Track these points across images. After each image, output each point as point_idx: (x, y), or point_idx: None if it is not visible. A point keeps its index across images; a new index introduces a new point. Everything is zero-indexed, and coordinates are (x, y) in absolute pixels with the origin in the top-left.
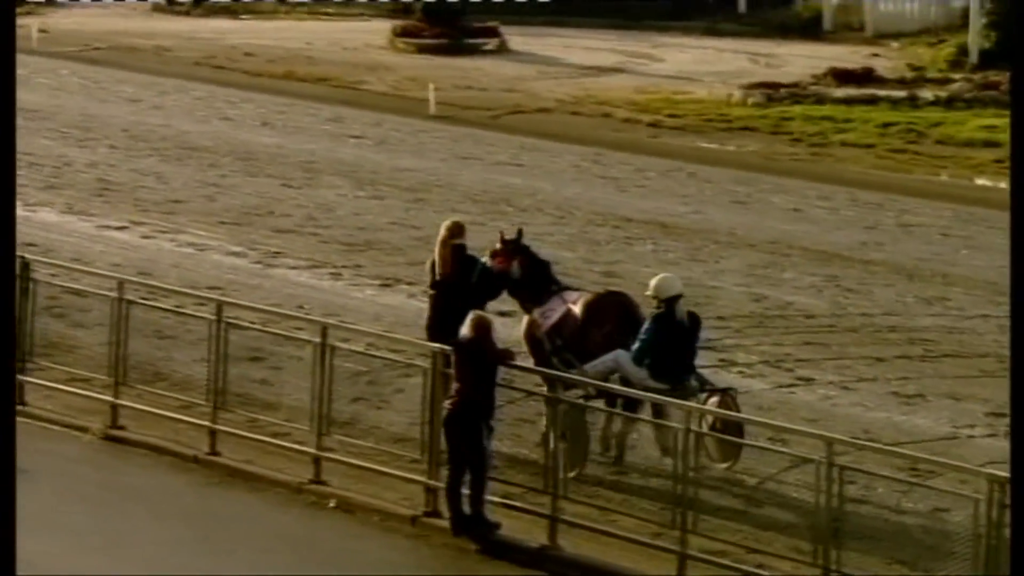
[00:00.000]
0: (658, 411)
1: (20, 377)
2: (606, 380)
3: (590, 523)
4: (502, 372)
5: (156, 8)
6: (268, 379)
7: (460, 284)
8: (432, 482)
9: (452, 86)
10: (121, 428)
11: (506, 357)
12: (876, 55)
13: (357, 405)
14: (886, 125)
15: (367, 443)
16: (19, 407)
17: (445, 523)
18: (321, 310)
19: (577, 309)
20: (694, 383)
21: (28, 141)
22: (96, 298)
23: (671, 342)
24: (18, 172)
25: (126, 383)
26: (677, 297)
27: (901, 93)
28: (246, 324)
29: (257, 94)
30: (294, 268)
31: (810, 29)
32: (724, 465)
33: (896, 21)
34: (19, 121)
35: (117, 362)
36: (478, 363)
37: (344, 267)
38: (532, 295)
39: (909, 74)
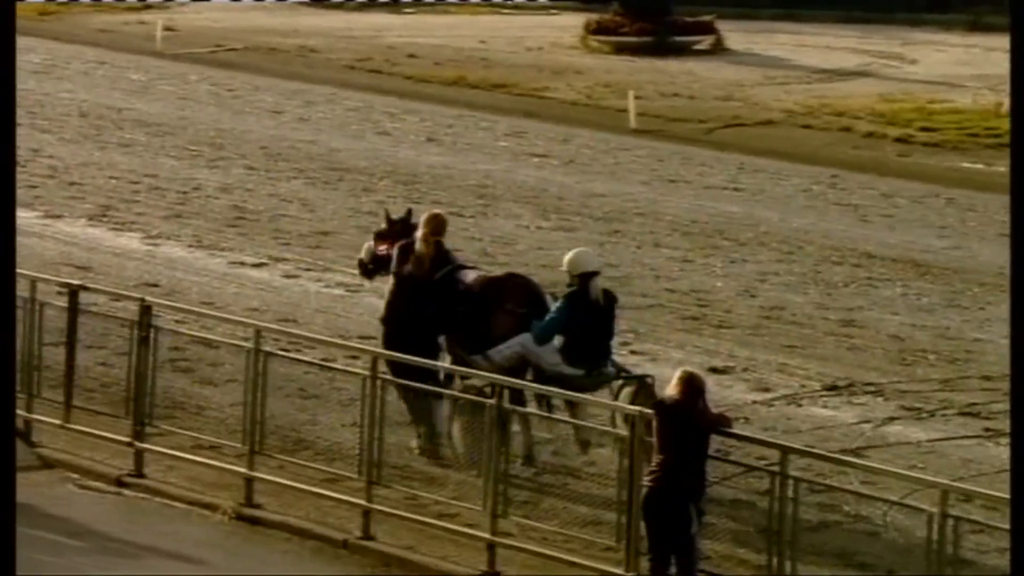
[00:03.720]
0: (572, 403)
1: (138, 444)
2: (515, 369)
3: None
4: (716, 442)
5: (302, 1)
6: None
7: (428, 284)
8: (630, 575)
9: (657, 93)
10: (257, 506)
11: (722, 423)
12: None
13: (541, 480)
14: None
15: (551, 526)
16: (137, 479)
17: None
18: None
19: (475, 290)
20: (610, 369)
21: (150, 161)
22: (228, 349)
23: (585, 323)
24: (139, 197)
25: (263, 452)
26: (593, 274)
27: None
28: (407, 382)
29: (421, 104)
30: None
31: None
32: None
33: None
34: (140, 137)
35: (253, 426)
36: (686, 430)
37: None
38: None
39: None
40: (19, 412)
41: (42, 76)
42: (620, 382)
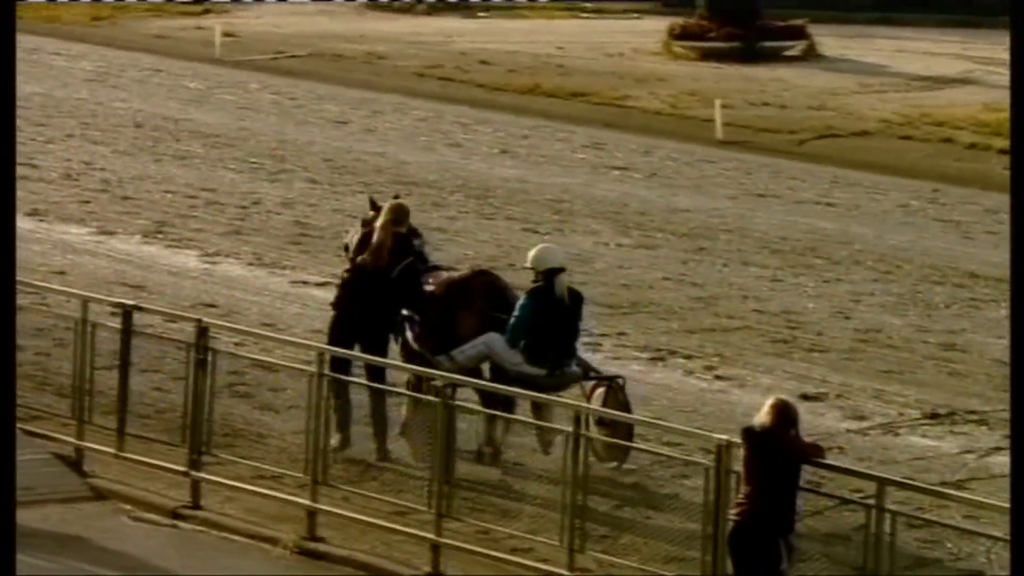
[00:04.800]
0: (537, 405)
1: (195, 473)
2: (478, 369)
3: None
4: (807, 473)
5: (369, 5)
6: (506, 480)
7: (385, 276)
8: None
9: (745, 102)
10: (320, 540)
11: (814, 453)
12: None
13: (621, 513)
14: None
15: (631, 562)
16: (194, 511)
17: None
18: (574, 390)
19: (442, 289)
20: (576, 369)
21: (208, 174)
22: (290, 373)
23: (549, 320)
24: (196, 212)
25: (326, 482)
26: (558, 270)
27: None
28: (482, 409)
29: (494, 114)
30: None
31: None
32: (611, 465)
33: None
34: (198, 149)
35: (316, 455)
36: (776, 460)
37: (604, 335)
38: None
39: None
40: (70, 440)
41: (95, 84)
42: (592, 383)
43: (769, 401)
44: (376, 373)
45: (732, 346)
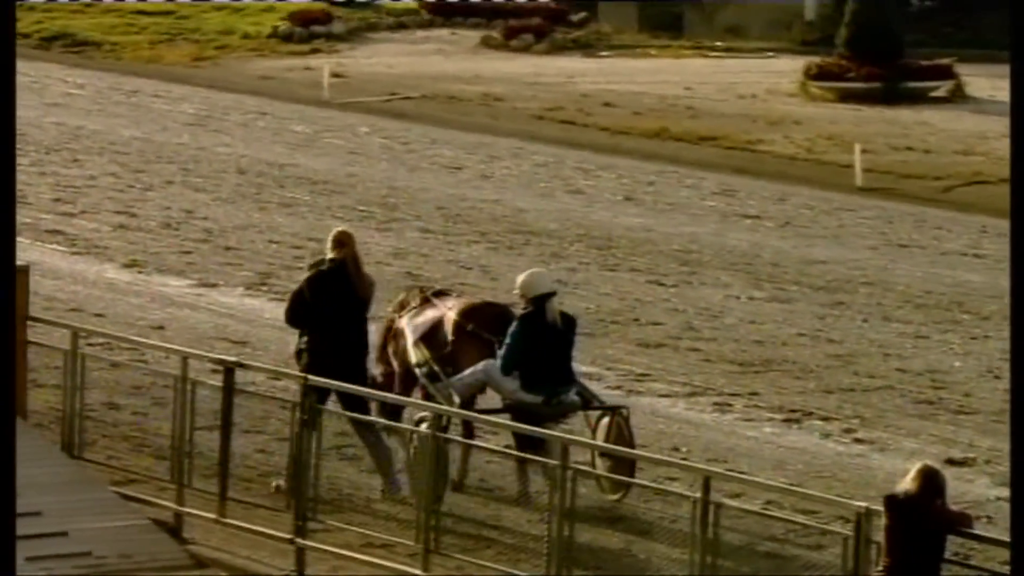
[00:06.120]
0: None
1: (300, 541)
2: (475, 396)
3: None
4: (953, 544)
5: (485, 43)
6: (630, 548)
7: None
8: None
9: (887, 147)
10: None
11: (961, 523)
12: None
13: None
14: None
15: None
16: None
17: None
18: (702, 453)
19: (451, 317)
20: (574, 397)
21: (315, 223)
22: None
23: (541, 346)
24: (302, 264)
25: (439, 551)
26: (548, 295)
27: None
28: (601, 473)
29: (618, 159)
30: (666, 396)
31: None
32: (614, 497)
33: None
34: (305, 196)
35: (427, 521)
36: (920, 530)
37: (734, 395)
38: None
39: None
40: (169, 505)
41: (196, 128)
42: (598, 413)
43: (916, 468)
44: (355, 405)
45: (872, 407)
